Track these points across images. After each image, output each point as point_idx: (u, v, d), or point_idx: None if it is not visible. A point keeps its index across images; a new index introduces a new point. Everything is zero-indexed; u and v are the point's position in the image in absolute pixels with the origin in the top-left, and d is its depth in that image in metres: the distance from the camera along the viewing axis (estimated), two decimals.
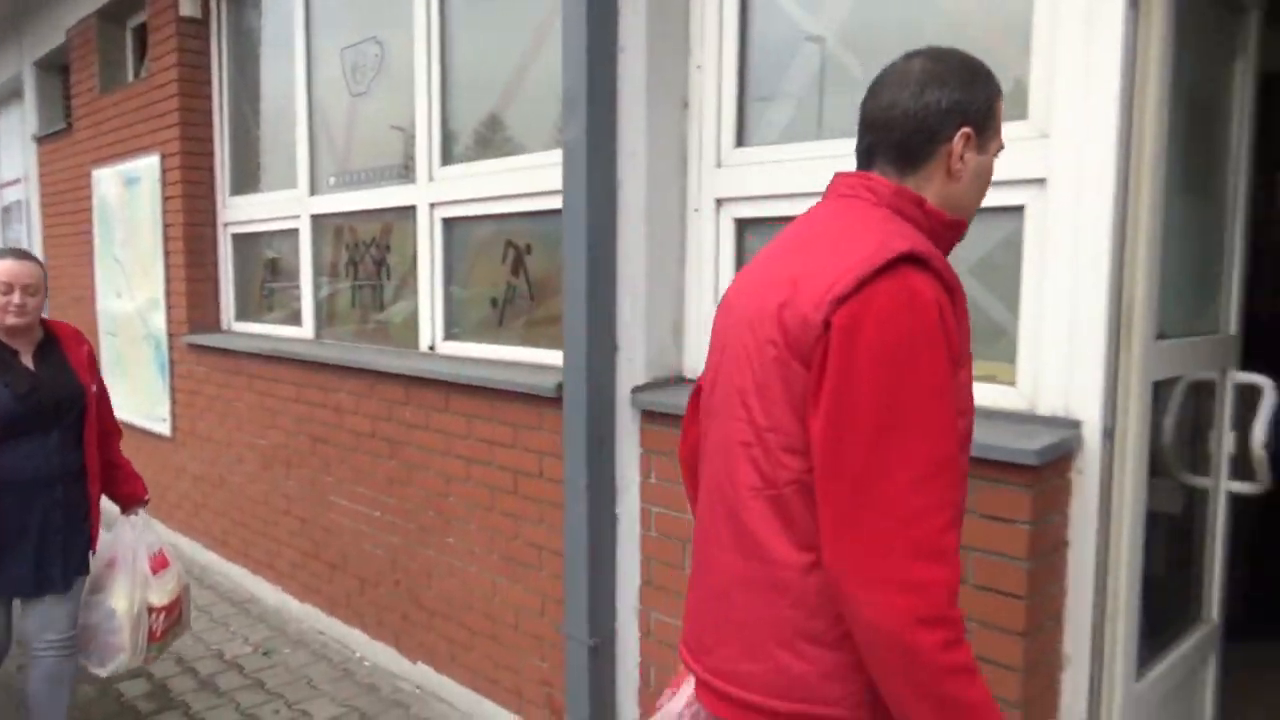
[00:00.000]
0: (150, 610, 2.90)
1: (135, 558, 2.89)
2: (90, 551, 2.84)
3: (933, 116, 1.31)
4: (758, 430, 1.28)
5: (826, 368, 1.17)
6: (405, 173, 3.68)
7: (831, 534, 1.18)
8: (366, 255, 3.99)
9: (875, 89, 1.39)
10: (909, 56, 1.39)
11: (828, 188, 1.43)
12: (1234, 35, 2.41)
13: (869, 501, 1.15)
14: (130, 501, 2.97)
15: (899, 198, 1.32)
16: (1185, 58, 2.15)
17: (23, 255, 2.72)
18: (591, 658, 2.76)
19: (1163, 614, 2.49)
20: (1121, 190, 1.95)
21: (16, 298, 2.59)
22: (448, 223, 3.52)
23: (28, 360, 2.68)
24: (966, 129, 1.33)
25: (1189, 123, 2.27)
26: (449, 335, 3.58)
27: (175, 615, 3.02)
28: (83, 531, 2.78)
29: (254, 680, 3.72)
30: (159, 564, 2.95)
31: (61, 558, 2.71)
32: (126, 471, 2.98)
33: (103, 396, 2.89)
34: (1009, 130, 2.09)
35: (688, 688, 1.52)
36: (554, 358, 2.95)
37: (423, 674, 3.61)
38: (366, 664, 3.85)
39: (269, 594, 4.52)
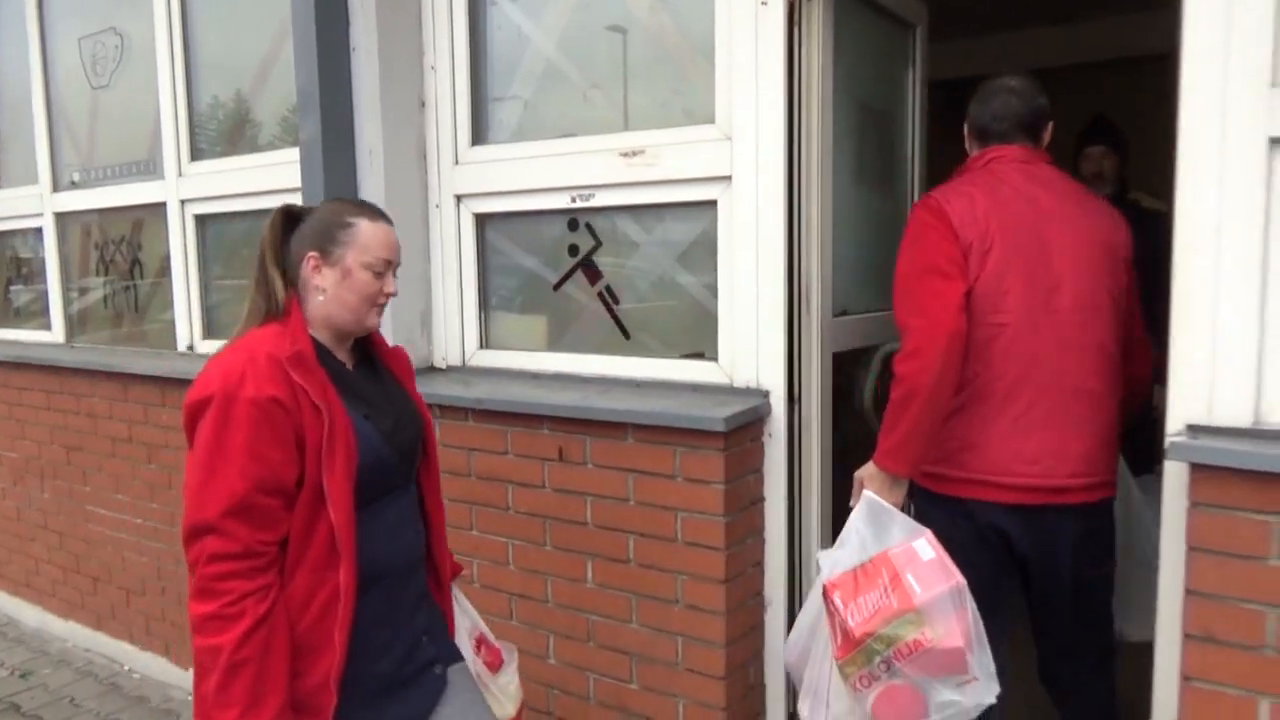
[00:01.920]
0: None
1: None
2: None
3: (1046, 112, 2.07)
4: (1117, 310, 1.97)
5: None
6: (153, 168, 3.57)
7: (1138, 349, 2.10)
8: (117, 254, 3.84)
9: (1009, 90, 2.04)
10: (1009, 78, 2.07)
11: (1002, 155, 2.02)
12: (904, 48, 2.76)
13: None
14: None
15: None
16: (856, 68, 2.46)
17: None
18: None
19: None
20: (792, 186, 2.22)
21: (390, 284, 1.64)
22: (200, 219, 3.45)
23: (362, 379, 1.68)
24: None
25: (864, 126, 2.59)
26: (208, 334, 3.51)
27: None
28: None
29: (8, 705, 3.52)
30: None
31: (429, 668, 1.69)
32: None
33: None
34: (702, 133, 2.34)
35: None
36: None
37: None
38: (136, 676, 3.73)
39: (29, 615, 4.27)
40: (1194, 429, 1.63)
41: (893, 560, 1.50)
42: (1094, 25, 4.82)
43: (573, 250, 2.60)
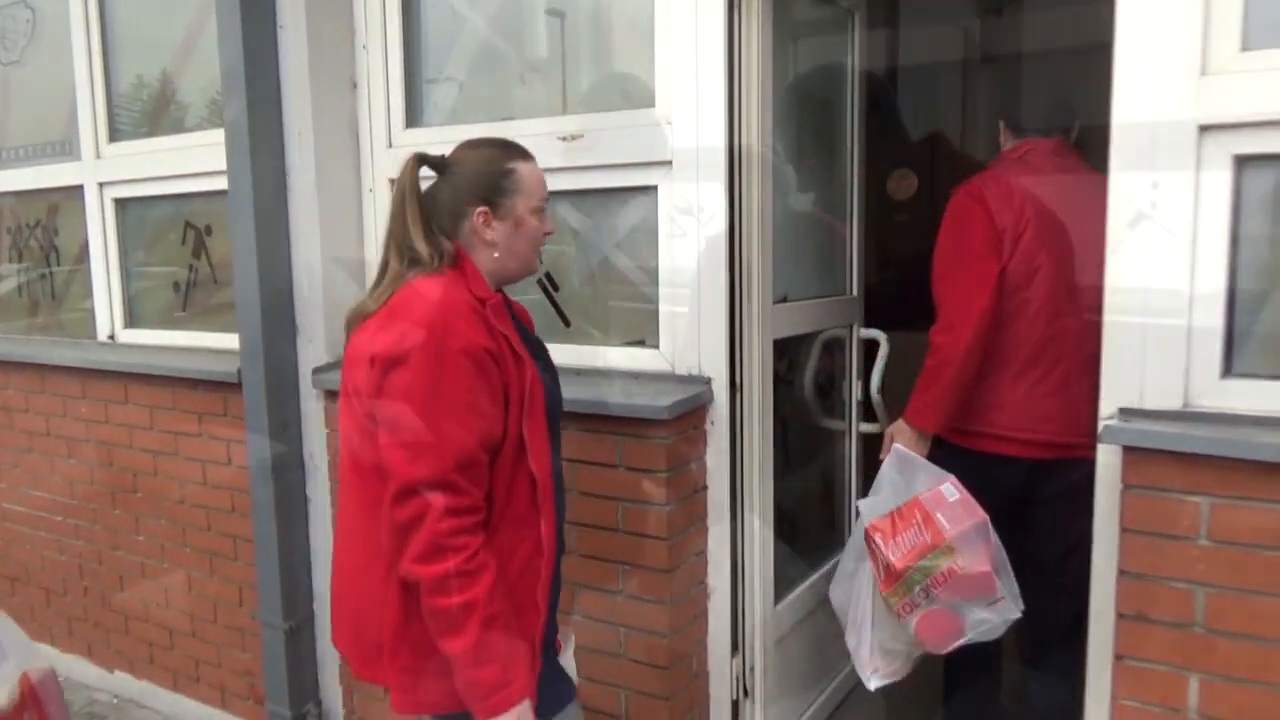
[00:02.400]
0: None
1: None
2: None
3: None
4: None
5: None
6: (69, 149, 3.41)
7: None
8: (32, 239, 3.66)
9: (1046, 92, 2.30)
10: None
11: (1037, 148, 2.22)
12: (843, 36, 2.76)
13: None
14: None
15: None
16: (793, 54, 2.45)
17: None
18: (289, 641, 2.75)
19: (808, 543, 2.85)
20: (732, 172, 2.20)
21: (550, 222, 1.63)
22: (120, 203, 3.30)
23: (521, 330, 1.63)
24: None
25: (804, 112, 2.58)
26: (131, 323, 3.37)
27: None
28: None
29: None
30: None
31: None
32: None
33: None
34: (641, 117, 2.30)
35: None
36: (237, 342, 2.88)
37: (121, 682, 3.41)
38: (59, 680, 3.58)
39: None
40: (1126, 412, 1.66)
41: (924, 503, 1.73)
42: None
43: None
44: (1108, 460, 1.68)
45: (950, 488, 1.77)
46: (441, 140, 2.57)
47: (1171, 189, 1.61)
